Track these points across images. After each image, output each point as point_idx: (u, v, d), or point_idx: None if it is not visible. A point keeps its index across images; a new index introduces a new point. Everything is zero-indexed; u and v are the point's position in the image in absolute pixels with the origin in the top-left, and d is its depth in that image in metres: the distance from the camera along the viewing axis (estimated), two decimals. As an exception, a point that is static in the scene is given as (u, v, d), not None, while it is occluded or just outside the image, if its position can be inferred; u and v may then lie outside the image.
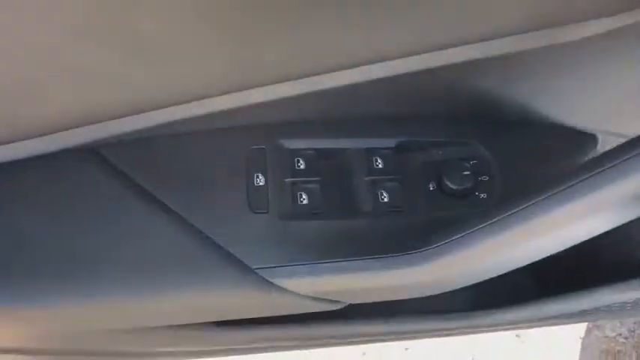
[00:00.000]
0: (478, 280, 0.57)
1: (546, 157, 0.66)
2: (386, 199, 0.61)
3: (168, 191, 0.57)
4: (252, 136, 0.61)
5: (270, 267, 0.55)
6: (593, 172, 0.46)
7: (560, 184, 0.48)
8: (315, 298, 0.57)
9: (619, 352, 1.97)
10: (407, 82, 0.57)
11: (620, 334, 2.03)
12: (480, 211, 0.60)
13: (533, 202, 0.49)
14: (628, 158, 0.44)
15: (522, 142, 0.67)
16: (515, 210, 0.50)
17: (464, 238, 0.52)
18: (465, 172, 0.63)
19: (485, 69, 0.57)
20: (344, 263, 0.55)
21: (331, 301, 0.59)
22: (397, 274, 0.55)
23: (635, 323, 1.98)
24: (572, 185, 0.47)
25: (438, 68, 0.56)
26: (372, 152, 0.63)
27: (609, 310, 0.78)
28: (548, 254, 0.53)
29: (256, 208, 0.58)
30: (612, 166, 0.45)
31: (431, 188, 0.64)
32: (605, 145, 0.73)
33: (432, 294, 0.58)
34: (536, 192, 0.50)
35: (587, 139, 0.70)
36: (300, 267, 0.55)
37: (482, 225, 0.51)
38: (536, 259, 0.53)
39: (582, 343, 1.92)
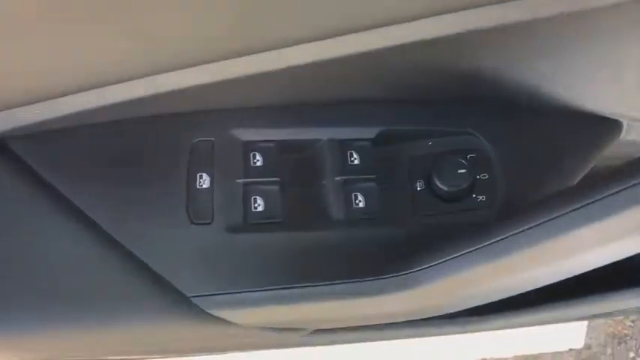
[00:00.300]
0: (471, 306, 0.46)
1: (560, 150, 0.54)
2: (361, 205, 0.50)
3: (88, 197, 0.46)
4: (195, 126, 0.49)
5: (212, 294, 0.44)
6: (628, 185, 0.34)
7: (580, 195, 0.36)
8: (267, 329, 0.47)
9: (626, 335, 1.90)
10: (388, 58, 0.45)
11: (628, 318, 1.95)
12: (478, 221, 0.49)
13: (545, 219, 0.37)
14: None
15: (531, 131, 0.54)
16: (520, 228, 0.38)
17: (456, 261, 0.41)
18: (460, 170, 0.51)
19: (486, 42, 0.45)
20: (307, 289, 0.44)
21: (289, 330, 0.48)
22: (372, 301, 0.44)
23: (644, 307, 1.88)
24: (598, 200, 0.35)
25: (427, 41, 0.43)
26: (345, 145, 0.51)
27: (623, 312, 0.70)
28: (562, 279, 0.42)
29: (197, 218, 0.46)
30: None
31: (418, 189, 0.53)
32: (630, 132, 0.61)
33: (414, 319, 0.47)
34: (549, 202, 0.38)
35: (609, 126, 0.58)
36: (250, 295, 0.44)
37: (479, 246, 0.40)
38: (546, 283, 0.42)
39: (588, 327, 1.83)
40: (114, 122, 0.48)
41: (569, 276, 0.41)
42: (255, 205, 0.48)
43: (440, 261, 0.41)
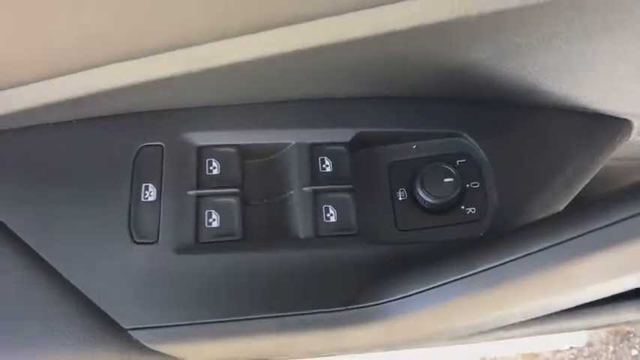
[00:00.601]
0: (449, 340, 0.40)
1: (563, 154, 0.47)
2: (333, 219, 0.43)
3: (14, 211, 0.40)
4: (140, 130, 0.43)
5: (154, 327, 0.38)
6: (628, 214, 0.28)
7: (574, 224, 0.30)
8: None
9: (629, 332, 1.85)
10: (364, 50, 0.38)
11: (632, 315, 1.88)
12: (467, 236, 0.43)
13: (535, 249, 0.31)
14: None
15: (530, 133, 0.48)
16: (507, 258, 0.32)
17: (433, 292, 0.35)
18: (448, 178, 0.44)
19: (478, 31, 0.38)
20: (266, 321, 0.38)
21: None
22: (340, 334, 0.38)
23: (648, 304, 1.82)
24: (595, 230, 0.29)
25: (407, 30, 0.36)
26: (316, 150, 0.45)
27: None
28: (549, 312, 0.36)
29: (140, 237, 0.40)
30: None
31: (399, 199, 0.46)
32: (642, 133, 0.54)
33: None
34: (540, 228, 0.32)
35: (618, 126, 0.51)
36: (200, 327, 0.38)
37: (460, 276, 0.34)
38: (539, 315, 0.36)
39: (590, 324, 1.78)
40: (45, 126, 0.41)
41: (559, 310, 0.35)
42: (210, 220, 0.42)
43: (415, 292, 0.35)
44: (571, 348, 1.79)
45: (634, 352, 1.82)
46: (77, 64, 0.35)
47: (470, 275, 0.33)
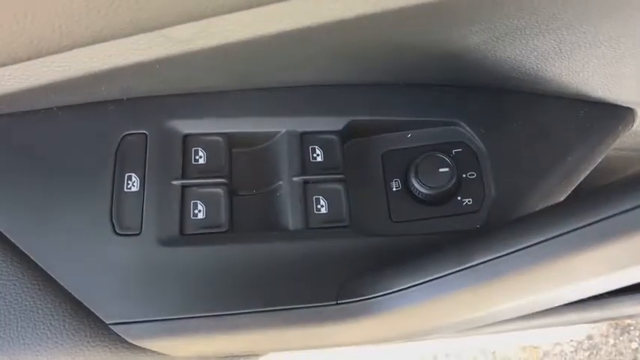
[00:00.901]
0: (444, 334, 0.39)
1: (564, 143, 0.46)
2: (324, 210, 0.42)
3: None
4: (123, 117, 0.41)
5: (136, 322, 0.36)
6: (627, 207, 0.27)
7: (572, 215, 0.29)
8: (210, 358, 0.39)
9: (629, 325, 1.84)
10: (355, 32, 0.36)
11: (632, 308, 1.88)
12: (463, 228, 0.42)
13: (532, 242, 0.29)
14: None
15: (529, 121, 0.46)
16: (512, 248, 0.31)
17: (434, 284, 0.33)
18: (443, 168, 0.43)
19: (475, 13, 0.36)
20: (253, 316, 0.37)
21: (240, 356, 0.41)
22: (330, 329, 0.37)
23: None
24: (594, 223, 0.28)
25: (398, 10, 0.34)
26: (307, 138, 0.43)
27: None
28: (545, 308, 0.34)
29: (123, 228, 0.38)
30: None
31: (393, 190, 0.44)
32: (645, 122, 0.52)
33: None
34: (537, 220, 0.31)
35: (621, 115, 0.49)
36: (184, 322, 0.36)
37: (461, 267, 0.32)
38: (538, 309, 0.35)
39: (590, 317, 1.77)
40: (25, 113, 0.40)
41: (559, 304, 0.34)
42: (195, 211, 0.40)
43: (409, 285, 0.34)
44: (571, 341, 1.78)
45: (634, 345, 1.82)
46: (53, 45, 0.33)
47: (466, 268, 0.32)
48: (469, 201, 0.43)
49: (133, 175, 0.40)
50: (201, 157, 0.41)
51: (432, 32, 0.38)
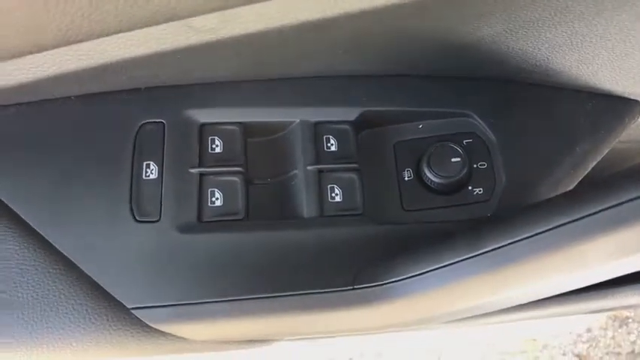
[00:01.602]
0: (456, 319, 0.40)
1: (572, 134, 0.46)
2: (338, 198, 0.43)
3: (13, 189, 0.39)
4: (141, 105, 0.42)
5: (157, 306, 0.37)
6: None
7: (582, 203, 0.30)
8: (229, 343, 0.40)
9: (627, 318, 1.86)
10: (369, 24, 0.37)
11: (631, 301, 1.89)
12: (474, 216, 0.42)
13: (551, 226, 0.30)
14: None
15: (538, 113, 0.47)
16: (522, 236, 0.31)
17: (445, 271, 0.34)
18: (455, 158, 0.44)
19: (491, 5, 0.37)
20: (270, 300, 0.38)
21: (257, 342, 0.42)
22: (345, 314, 0.37)
23: (647, 290, 1.83)
24: (612, 207, 0.28)
25: (421, 1, 0.35)
26: (321, 128, 0.44)
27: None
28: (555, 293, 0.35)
29: (142, 215, 0.39)
30: None
31: (405, 179, 0.45)
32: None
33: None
34: (547, 208, 0.31)
35: (627, 107, 0.50)
36: (203, 307, 0.37)
37: (466, 257, 0.33)
38: (546, 296, 0.36)
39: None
40: (43, 102, 0.40)
41: (566, 290, 0.35)
42: (213, 199, 0.41)
43: (421, 272, 0.34)
44: (570, 333, 1.80)
45: (632, 337, 1.83)
46: (82, 33, 0.34)
47: (476, 255, 0.32)
48: (480, 190, 0.44)
49: (152, 163, 0.40)
50: (217, 145, 0.42)
51: (446, 24, 0.39)
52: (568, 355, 1.82)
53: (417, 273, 0.34)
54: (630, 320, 1.86)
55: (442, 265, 0.34)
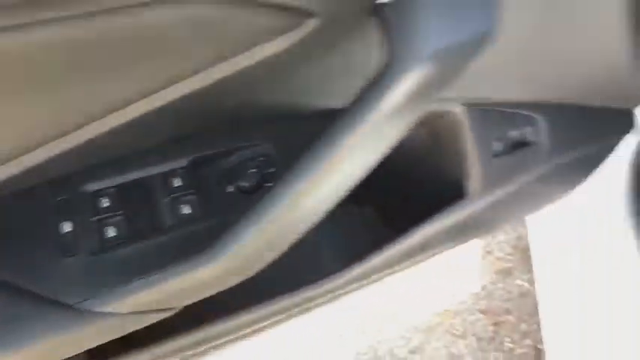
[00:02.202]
0: (275, 258, 0.67)
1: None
2: (186, 211, 0.71)
3: None
4: (56, 189, 0.68)
5: (89, 299, 0.62)
6: None
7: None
8: (143, 312, 0.66)
9: (510, 268, 2.17)
10: (186, 105, 0.63)
11: (508, 253, 2.23)
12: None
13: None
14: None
15: (300, 132, 0.76)
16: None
17: (237, 226, 0.61)
18: (252, 170, 0.73)
19: (249, 83, 0.65)
20: (155, 276, 0.64)
21: (161, 310, 0.68)
22: (201, 271, 0.64)
23: (516, 239, 2.19)
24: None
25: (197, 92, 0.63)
26: (168, 174, 0.72)
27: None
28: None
29: (67, 252, 0.65)
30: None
31: (228, 190, 0.74)
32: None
33: (237, 283, 0.67)
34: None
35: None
36: (116, 290, 0.63)
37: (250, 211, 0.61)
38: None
39: (479, 270, 2.11)
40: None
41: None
42: (106, 233, 0.67)
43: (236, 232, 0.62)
44: (471, 294, 2.08)
45: (518, 282, 2.14)
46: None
47: (260, 203, 0.61)
48: (271, 184, 0.74)
49: (66, 222, 0.67)
50: (105, 202, 0.69)
51: (227, 97, 0.68)
52: (475, 313, 2.10)
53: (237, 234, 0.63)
54: (513, 268, 2.17)
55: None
